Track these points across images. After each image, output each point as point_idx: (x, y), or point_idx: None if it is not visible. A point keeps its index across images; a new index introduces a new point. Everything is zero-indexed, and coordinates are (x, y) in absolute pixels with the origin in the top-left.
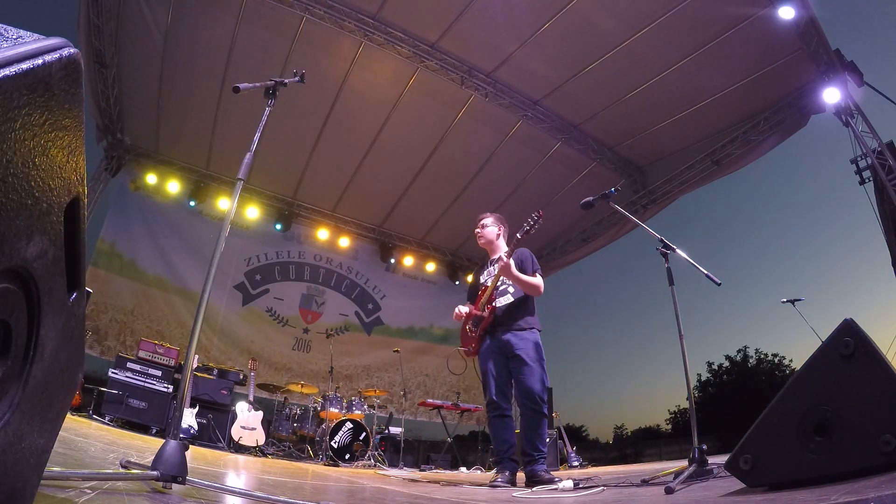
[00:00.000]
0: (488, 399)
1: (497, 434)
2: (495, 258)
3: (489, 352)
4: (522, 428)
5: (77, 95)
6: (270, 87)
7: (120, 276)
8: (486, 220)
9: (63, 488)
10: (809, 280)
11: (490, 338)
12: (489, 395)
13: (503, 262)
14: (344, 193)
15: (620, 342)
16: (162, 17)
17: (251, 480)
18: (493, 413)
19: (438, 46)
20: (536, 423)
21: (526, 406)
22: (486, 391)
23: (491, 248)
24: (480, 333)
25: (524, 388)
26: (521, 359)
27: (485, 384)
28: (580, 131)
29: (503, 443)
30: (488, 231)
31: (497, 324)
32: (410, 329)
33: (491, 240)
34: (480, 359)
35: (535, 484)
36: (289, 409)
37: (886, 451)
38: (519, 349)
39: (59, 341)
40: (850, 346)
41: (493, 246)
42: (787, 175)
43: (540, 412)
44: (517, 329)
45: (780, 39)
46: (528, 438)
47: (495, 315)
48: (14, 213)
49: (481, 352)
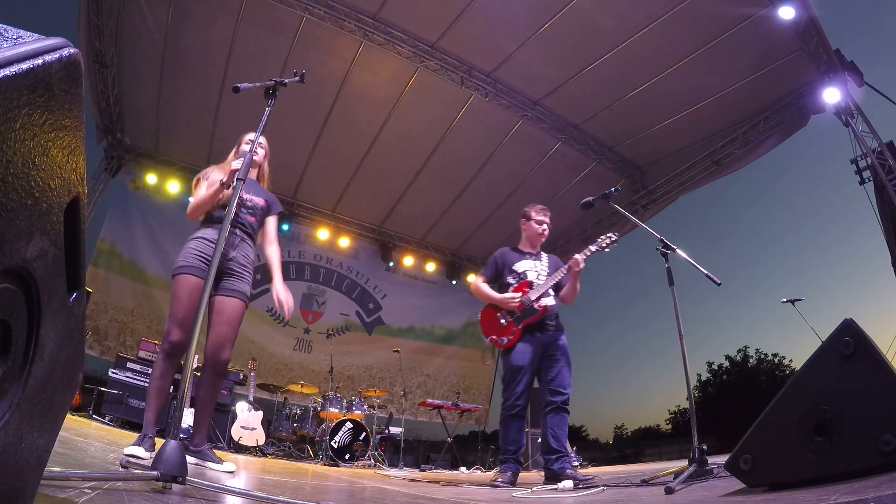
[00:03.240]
0: (514, 396)
1: (511, 433)
2: (535, 252)
3: (528, 349)
4: (551, 425)
5: (77, 95)
6: (270, 87)
7: (120, 276)
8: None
9: (63, 488)
10: (809, 280)
11: (530, 335)
12: (516, 393)
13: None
14: (344, 193)
15: (620, 342)
16: (162, 17)
17: (251, 480)
18: (513, 411)
19: (438, 46)
20: (566, 421)
21: (558, 404)
22: (513, 387)
23: (539, 242)
24: (521, 328)
25: (562, 385)
26: (562, 358)
27: (514, 380)
28: (580, 131)
29: (514, 443)
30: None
31: (542, 322)
32: (412, 329)
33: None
34: (516, 354)
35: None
36: (289, 409)
37: (886, 451)
38: (560, 348)
39: (59, 341)
40: (850, 346)
41: (541, 241)
42: (787, 175)
43: (568, 410)
44: (558, 330)
45: (780, 39)
46: (557, 436)
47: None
48: (14, 213)
49: (518, 348)
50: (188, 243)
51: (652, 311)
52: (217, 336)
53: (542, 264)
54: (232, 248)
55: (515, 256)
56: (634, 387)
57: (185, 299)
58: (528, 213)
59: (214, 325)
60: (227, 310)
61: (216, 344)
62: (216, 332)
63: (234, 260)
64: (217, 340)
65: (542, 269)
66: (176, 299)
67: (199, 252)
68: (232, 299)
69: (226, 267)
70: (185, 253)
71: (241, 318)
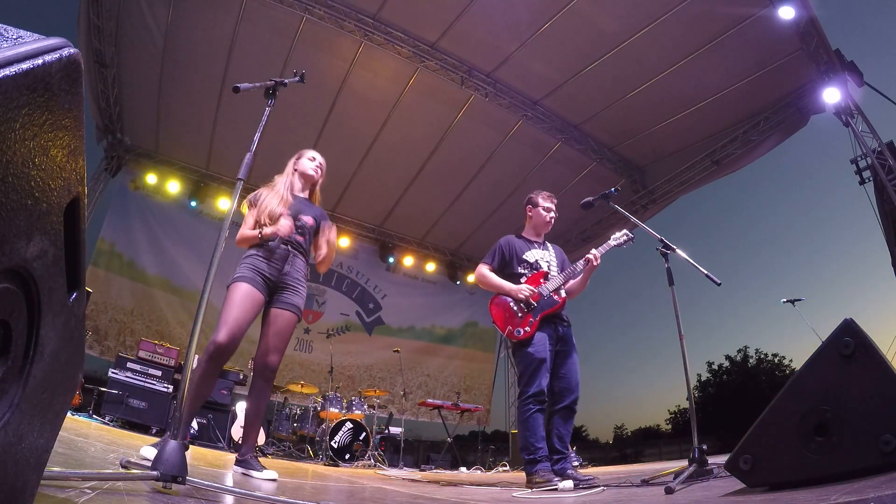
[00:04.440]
0: (538, 389)
1: (538, 429)
2: (541, 241)
3: (547, 341)
4: (557, 425)
5: (77, 95)
6: (270, 87)
7: (120, 276)
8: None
9: (63, 488)
10: (809, 280)
11: (548, 326)
12: (542, 385)
13: (595, 262)
14: (344, 193)
15: (620, 342)
16: (162, 16)
17: (251, 480)
18: (540, 406)
19: (438, 46)
20: (572, 422)
21: (571, 402)
22: (536, 380)
23: (545, 230)
24: (539, 319)
25: (575, 382)
26: (574, 354)
27: (536, 373)
28: (580, 131)
29: (543, 439)
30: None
31: (558, 314)
32: (412, 329)
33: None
34: (536, 346)
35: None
36: (289, 409)
37: (886, 451)
38: (572, 344)
39: (59, 341)
40: (850, 346)
41: (547, 229)
42: (787, 175)
43: (576, 410)
44: (568, 325)
45: (780, 39)
46: (562, 436)
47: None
48: (14, 214)
49: (537, 338)
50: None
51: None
52: (266, 345)
53: (549, 254)
54: (286, 264)
55: (523, 245)
56: (634, 387)
57: (238, 303)
58: (534, 200)
59: (266, 335)
60: (279, 321)
61: (265, 351)
62: (266, 340)
63: (288, 275)
64: (266, 348)
65: (550, 259)
66: (230, 303)
67: (253, 266)
68: (286, 312)
69: (281, 281)
70: (240, 268)
71: (293, 329)
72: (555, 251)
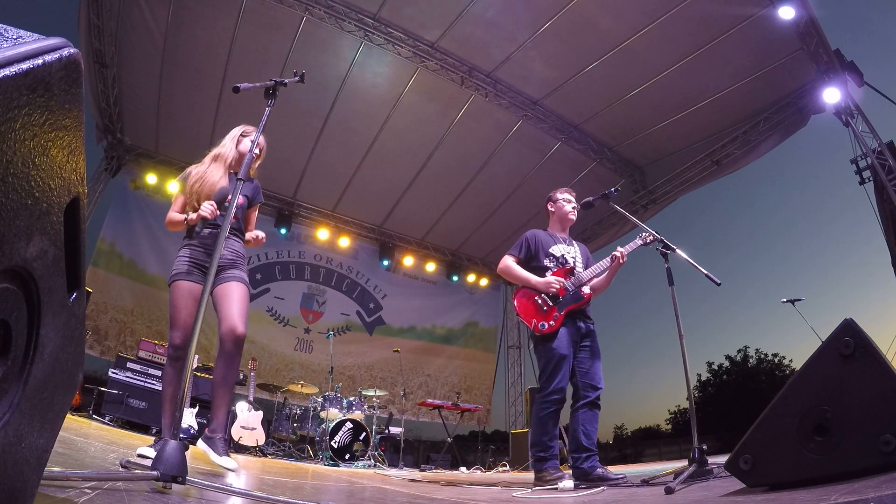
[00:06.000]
0: (558, 387)
1: (553, 428)
2: (566, 237)
3: (570, 336)
4: (583, 422)
5: (77, 95)
6: (270, 87)
7: (120, 276)
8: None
9: (63, 488)
10: (809, 280)
11: (571, 322)
12: (562, 384)
13: (621, 260)
14: (344, 193)
15: (620, 342)
16: (162, 16)
17: (251, 480)
18: (558, 405)
19: (438, 46)
20: (598, 418)
21: (592, 400)
22: (557, 377)
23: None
24: (564, 314)
25: (597, 379)
26: (597, 350)
27: (557, 369)
28: (580, 131)
29: (555, 438)
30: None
31: (583, 310)
32: (412, 329)
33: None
34: (559, 341)
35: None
36: (289, 410)
37: (886, 451)
38: (595, 340)
39: (59, 341)
40: (850, 346)
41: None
42: (787, 175)
43: (600, 406)
44: (592, 321)
45: (781, 39)
46: (588, 433)
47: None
48: (14, 213)
49: (561, 334)
50: (179, 252)
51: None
52: (228, 315)
53: (574, 250)
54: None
55: (549, 239)
56: (634, 387)
57: (181, 304)
58: (553, 196)
59: (223, 307)
60: (229, 292)
61: (228, 319)
62: (226, 311)
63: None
64: (229, 318)
65: (576, 255)
66: (174, 306)
67: (189, 258)
68: (230, 282)
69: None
70: (176, 262)
71: (247, 297)
72: (580, 248)
